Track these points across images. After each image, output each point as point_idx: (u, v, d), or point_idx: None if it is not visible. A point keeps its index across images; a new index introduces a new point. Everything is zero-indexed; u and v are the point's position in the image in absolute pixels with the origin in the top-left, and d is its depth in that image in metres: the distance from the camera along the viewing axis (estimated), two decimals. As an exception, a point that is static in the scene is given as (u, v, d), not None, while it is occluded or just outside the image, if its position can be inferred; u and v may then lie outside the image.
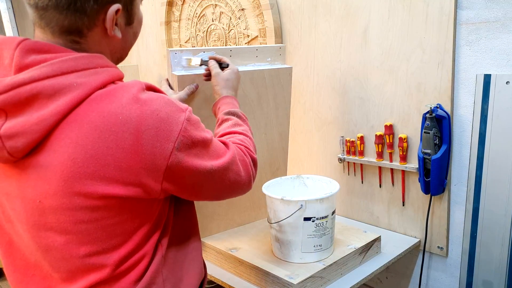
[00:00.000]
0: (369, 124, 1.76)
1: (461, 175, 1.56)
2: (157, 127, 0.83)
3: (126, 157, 0.82)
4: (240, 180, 1.03)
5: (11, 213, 0.89)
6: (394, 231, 1.78)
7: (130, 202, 0.87)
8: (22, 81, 0.79)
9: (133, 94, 0.84)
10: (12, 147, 0.80)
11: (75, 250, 0.87)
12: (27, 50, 0.82)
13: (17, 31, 3.77)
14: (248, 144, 1.13)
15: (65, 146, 0.80)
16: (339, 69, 1.82)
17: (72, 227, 0.85)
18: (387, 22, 1.62)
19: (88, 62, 0.85)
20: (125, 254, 0.90)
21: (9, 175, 0.86)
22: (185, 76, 1.42)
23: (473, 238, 1.54)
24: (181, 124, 0.86)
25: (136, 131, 0.82)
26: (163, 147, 0.84)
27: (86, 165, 0.81)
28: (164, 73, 2.76)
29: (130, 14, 0.93)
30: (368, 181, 1.82)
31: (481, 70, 1.45)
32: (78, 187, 0.82)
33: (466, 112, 1.50)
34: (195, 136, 0.89)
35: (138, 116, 0.82)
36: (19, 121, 0.80)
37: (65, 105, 0.80)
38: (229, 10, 2.18)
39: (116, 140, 0.81)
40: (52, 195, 0.82)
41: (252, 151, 1.12)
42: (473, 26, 1.43)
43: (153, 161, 0.84)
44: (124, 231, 0.89)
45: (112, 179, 0.82)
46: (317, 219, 1.41)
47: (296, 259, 1.45)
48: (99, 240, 0.87)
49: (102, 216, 0.85)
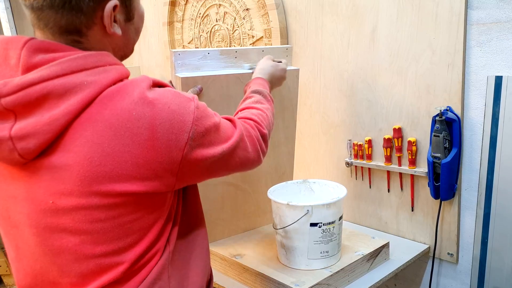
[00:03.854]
0: (377, 127, 1.77)
1: (472, 179, 1.57)
2: (170, 119, 0.85)
3: (143, 152, 0.84)
4: (248, 155, 1.06)
5: (18, 217, 0.90)
6: (403, 237, 1.78)
7: (146, 198, 0.89)
8: (32, 81, 0.80)
9: (143, 89, 0.86)
10: (23, 148, 0.81)
11: (90, 250, 0.88)
12: (34, 49, 0.83)
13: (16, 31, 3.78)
14: (260, 119, 1.16)
15: (81, 145, 0.82)
16: (347, 70, 1.83)
17: (88, 226, 0.86)
18: (395, 22, 1.63)
19: (97, 60, 0.86)
20: (140, 252, 0.92)
21: (17, 178, 0.87)
22: (188, 78, 1.43)
23: (484, 244, 1.55)
24: (192, 113, 0.89)
25: (150, 125, 0.84)
26: (178, 138, 0.86)
27: (104, 164, 0.82)
28: (166, 74, 2.77)
29: (129, 9, 0.93)
30: (376, 185, 1.83)
31: (492, 72, 1.45)
32: (96, 186, 0.83)
33: (477, 115, 1.51)
34: (206, 123, 0.92)
35: (151, 111, 0.84)
36: (30, 122, 0.81)
37: (77, 104, 0.81)
38: (233, 10, 2.20)
39: (132, 137, 0.83)
40: (68, 195, 0.84)
41: (262, 126, 1.14)
42: (484, 26, 1.44)
43: (169, 154, 0.86)
44: (141, 227, 0.91)
45: (130, 175, 0.84)
46: (324, 224, 1.42)
47: (302, 265, 1.46)
48: (116, 239, 0.89)
49: (119, 214, 0.87)
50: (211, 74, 1.48)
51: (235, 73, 1.53)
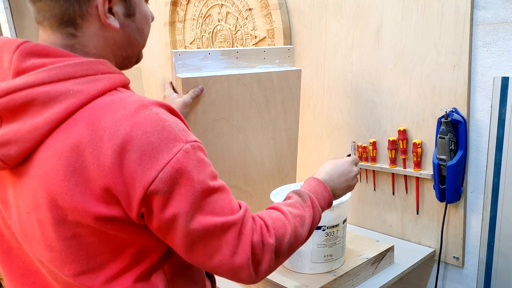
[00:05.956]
0: (382, 129, 1.77)
1: (478, 182, 1.57)
2: (142, 150, 0.78)
3: (107, 175, 0.78)
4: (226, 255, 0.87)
5: (9, 221, 0.91)
6: (408, 240, 1.78)
7: (115, 221, 0.83)
8: (18, 87, 0.79)
9: (130, 110, 0.80)
10: (5, 155, 0.81)
11: (59, 268, 0.86)
12: (26, 53, 0.82)
13: (15, 31, 3.80)
14: (276, 226, 0.96)
15: (51, 156, 0.80)
16: (351, 71, 1.83)
17: (56, 244, 0.84)
18: (400, 22, 1.64)
19: (87, 68, 0.84)
20: (112, 275, 0.87)
21: (7, 183, 0.87)
22: (189, 79, 1.43)
23: (490, 247, 1.54)
24: (173, 154, 0.80)
25: (120, 149, 0.78)
26: (145, 173, 0.79)
27: (68, 179, 0.79)
28: (168, 75, 2.78)
29: (129, 3, 0.91)
30: (381, 188, 1.83)
31: (499, 73, 1.45)
32: (60, 201, 0.80)
33: (483, 116, 1.51)
34: (189, 173, 0.82)
35: (126, 134, 0.78)
36: (12, 128, 0.80)
37: (59, 113, 0.79)
38: (236, 10, 2.20)
39: (99, 156, 0.78)
40: (38, 207, 0.82)
41: (272, 235, 0.93)
42: (490, 26, 1.44)
43: (132, 185, 0.79)
44: (110, 249, 0.86)
45: (94, 195, 0.80)
46: (328, 228, 1.42)
47: (306, 269, 1.46)
48: (83, 258, 0.85)
49: (85, 233, 0.83)
50: (212, 74, 1.48)
51: (236, 73, 1.53)
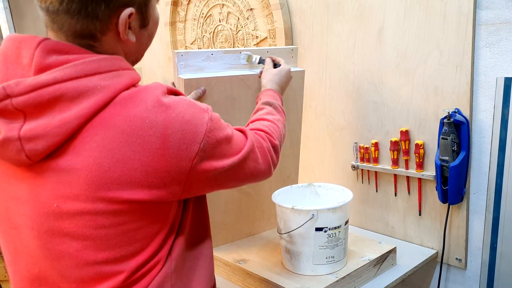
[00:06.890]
0: (384, 129, 1.77)
1: (481, 183, 1.57)
2: (183, 129, 0.87)
3: (153, 160, 0.85)
4: (259, 167, 1.07)
5: (19, 219, 0.91)
6: (410, 242, 1.78)
7: (152, 206, 0.90)
8: (46, 82, 0.81)
9: (157, 96, 0.87)
10: (31, 150, 0.82)
11: (91, 256, 0.89)
12: (48, 50, 0.84)
13: (15, 31, 3.80)
14: (271, 130, 1.18)
15: (90, 150, 0.83)
16: (353, 72, 1.83)
17: (92, 232, 0.87)
18: (402, 22, 1.64)
19: (111, 64, 0.88)
20: (142, 261, 0.93)
21: (21, 179, 0.88)
22: (192, 79, 1.44)
23: (493, 249, 1.55)
24: (205, 124, 0.90)
25: (162, 134, 0.85)
26: (189, 149, 0.88)
27: (113, 170, 0.84)
28: (168, 76, 2.78)
29: (144, 16, 0.94)
30: (383, 189, 1.83)
31: (502, 73, 1.46)
32: (103, 192, 0.84)
33: (486, 117, 1.51)
34: (219, 135, 0.94)
35: (164, 120, 0.86)
36: (40, 123, 0.82)
37: (89, 108, 0.83)
38: (237, 10, 2.21)
39: (143, 144, 0.84)
40: (73, 199, 0.85)
41: (273, 137, 1.16)
42: (493, 27, 1.45)
43: (179, 163, 0.87)
44: (144, 236, 0.92)
45: (138, 183, 0.86)
46: (330, 229, 1.42)
47: (307, 271, 1.46)
48: (118, 246, 0.90)
49: (124, 221, 0.88)
50: (214, 75, 1.48)
51: (239, 74, 1.53)
